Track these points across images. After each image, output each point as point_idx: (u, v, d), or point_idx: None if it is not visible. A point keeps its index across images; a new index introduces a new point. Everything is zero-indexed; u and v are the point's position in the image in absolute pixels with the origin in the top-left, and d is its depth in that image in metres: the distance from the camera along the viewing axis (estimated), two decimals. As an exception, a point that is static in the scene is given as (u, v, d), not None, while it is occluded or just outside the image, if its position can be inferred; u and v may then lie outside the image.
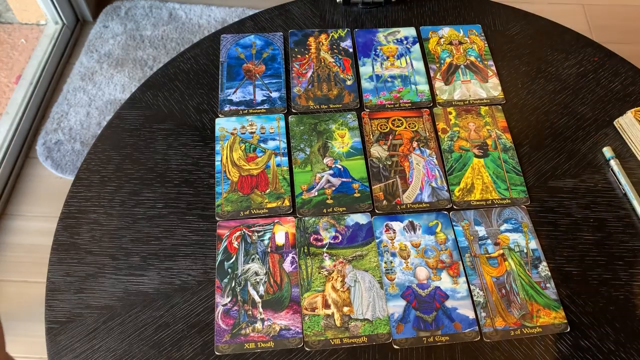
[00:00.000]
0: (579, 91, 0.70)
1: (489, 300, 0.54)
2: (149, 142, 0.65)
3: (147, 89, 0.69)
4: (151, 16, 1.70)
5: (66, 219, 0.59)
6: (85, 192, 0.61)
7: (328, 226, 0.59)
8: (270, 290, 0.55)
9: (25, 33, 1.67)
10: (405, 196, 0.61)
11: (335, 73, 0.71)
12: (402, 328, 0.53)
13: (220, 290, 0.55)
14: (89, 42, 1.63)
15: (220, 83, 0.70)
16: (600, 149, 0.65)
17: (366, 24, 0.76)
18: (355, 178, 0.62)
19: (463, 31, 0.76)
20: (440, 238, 0.58)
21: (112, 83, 1.54)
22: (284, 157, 0.63)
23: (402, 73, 0.71)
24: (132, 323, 0.53)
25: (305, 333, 0.52)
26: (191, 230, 0.58)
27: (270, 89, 0.69)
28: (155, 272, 0.56)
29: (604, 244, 0.58)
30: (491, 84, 0.70)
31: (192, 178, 0.62)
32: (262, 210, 0.60)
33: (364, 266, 0.56)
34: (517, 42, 0.75)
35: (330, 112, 0.68)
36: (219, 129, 0.66)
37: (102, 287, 0.55)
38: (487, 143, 0.65)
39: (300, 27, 0.76)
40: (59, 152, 1.41)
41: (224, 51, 0.73)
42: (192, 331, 0.53)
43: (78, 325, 0.53)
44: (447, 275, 0.56)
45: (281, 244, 0.57)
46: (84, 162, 0.63)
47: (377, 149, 0.64)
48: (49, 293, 0.55)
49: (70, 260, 0.57)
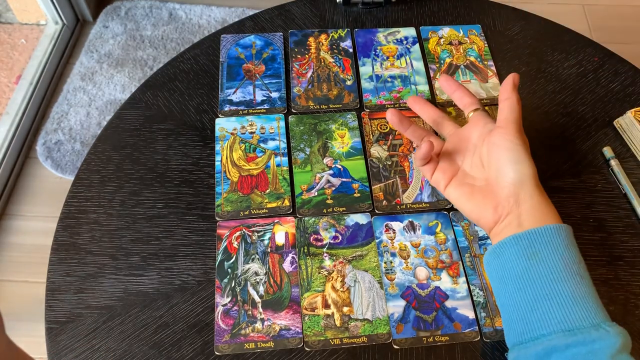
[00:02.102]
0: (579, 91, 0.70)
1: (489, 300, 0.54)
2: (149, 142, 0.65)
3: (147, 89, 0.69)
4: (151, 16, 1.70)
5: (66, 219, 0.59)
6: (85, 192, 0.61)
7: (328, 226, 0.59)
8: (270, 290, 0.55)
9: (25, 33, 1.67)
10: (405, 196, 0.61)
11: (335, 73, 0.71)
12: (402, 328, 0.53)
13: (220, 290, 0.55)
14: (89, 42, 1.63)
15: (220, 83, 0.70)
16: (600, 149, 0.65)
17: (366, 24, 0.76)
18: (355, 178, 0.62)
19: (463, 31, 0.76)
20: (440, 238, 0.58)
21: (112, 83, 1.54)
22: (284, 157, 0.64)
23: (402, 73, 0.71)
24: (132, 323, 0.53)
25: (305, 333, 0.52)
26: (191, 230, 0.58)
27: (270, 89, 0.69)
28: (155, 272, 0.56)
29: (604, 244, 0.58)
30: (491, 84, 0.70)
31: (192, 178, 0.62)
32: (262, 211, 0.60)
33: (363, 266, 0.56)
34: (517, 42, 0.75)
35: (330, 112, 0.68)
36: (219, 129, 0.66)
37: (102, 287, 0.55)
38: (487, 143, 0.65)
39: (300, 27, 0.76)
40: (59, 152, 1.41)
41: (224, 51, 0.73)
42: (192, 331, 0.53)
43: (78, 325, 0.53)
44: (447, 276, 0.56)
45: (281, 244, 0.57)
46: (84, 162, 0.64)
47: (377, 149, 0.64)
48: (49, 293, 0.55)
49: (70, 260, 0.57)
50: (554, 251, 0.45)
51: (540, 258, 0.45)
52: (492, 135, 0.51)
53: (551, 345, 0.41)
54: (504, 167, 0.49)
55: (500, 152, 0.49)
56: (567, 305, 0.42)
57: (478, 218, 0.51)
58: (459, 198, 0.53)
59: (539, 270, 0.44)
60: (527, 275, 0.45)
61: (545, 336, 0.42)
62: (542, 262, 0.44)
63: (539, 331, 0.43)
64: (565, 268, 0.44)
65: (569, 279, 0.43)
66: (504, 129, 0.50)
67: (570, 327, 0.41)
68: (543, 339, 0.42)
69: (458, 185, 0.53)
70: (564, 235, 0.45)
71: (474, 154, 0.53)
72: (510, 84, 0.51)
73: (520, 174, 0.48)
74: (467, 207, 0.52)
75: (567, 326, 0.41)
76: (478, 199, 0.51)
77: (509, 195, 0.48)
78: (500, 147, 0.49)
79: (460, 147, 0.55)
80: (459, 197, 0.53)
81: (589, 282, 0.44)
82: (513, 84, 0.51)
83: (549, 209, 0.48)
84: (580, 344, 0.40)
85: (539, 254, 0.45)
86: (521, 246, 0.46)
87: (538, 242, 0.45)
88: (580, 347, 0.40)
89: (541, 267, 0.44)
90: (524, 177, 0.48)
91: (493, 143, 0.50)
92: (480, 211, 0.50)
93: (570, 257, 0.44)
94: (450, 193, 0.54)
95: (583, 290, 0.43)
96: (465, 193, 0.52)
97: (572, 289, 0.43)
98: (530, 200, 0.47)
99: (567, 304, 0.42)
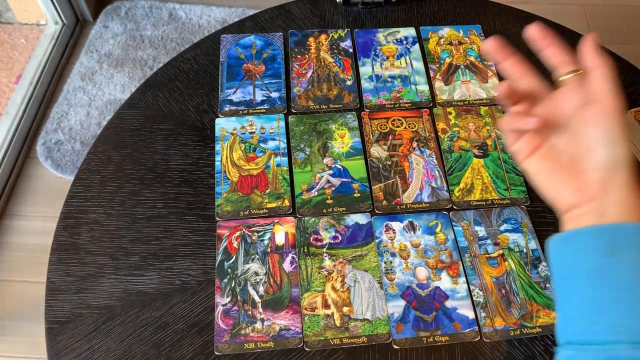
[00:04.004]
0: (579, 91, 0.70)
1: (489, 300, 0.54)
2: (149, 142, 0.65)
3: (147, 89, 0.69)
4: (151, 16, 1.70)
5: (66, 219, 0.59)
6: (85, 192, 0.61)
7: (328, 226, 0.59)
8: (270, 290, 0.55)
9: (25, 33, 1.67)
10: (405, 196, 0.61)
11: (335, 73, 0.71)
12: (401, 328, 0.53)
13: (220, 290, 0.55)
14: (89, 42, 1.63)
15: (220, 83, 0.70)
16: (600, 149, 0.65)
17: (366, 24, 0.76)
18: (355, 178, 0.62)
19: (463, 31, 0.76)
20: (440, 238, 0.58)
21: (112, 83, 1.54)
22: (283, 157, 0.64)
23: (402, 73, 0.71)
24: (132, 323, 0.53)
25: (305, 333, 0.52)
26: (191, 230, 0.58)
27: (270, 89, 0.69)
28: (155, 272, 0.56)
29: (604, 244, 0.58)
30: (491, 84, 0.70)
31: (192, 178, 0.62)
32: (262, 210, 0.60)
33: (363, 266, 0.56)
34: (517, 42, 0.75)
35: (330, 112, 0.68)
36: (219, 129, 0.66)
37: (102, 287, 0.55)
38: (487, 143, 0.65)
39: (300, 27, 0.76)
40: (59, 152, 1.41)
41: (224, 51, 0.73)
42: (192, 331, 0.53)
43: (78, 325, 0.53)
44: (447, 276, 0.56)
45: (281, 244, 0.57)
46: (84, 162, 0.63)
47: (377, 149, 0.64)
48: (49, 293, 0.55)
49: (70, 260, 0.57)
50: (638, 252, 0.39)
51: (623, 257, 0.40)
52: (588, 109, 0.43)
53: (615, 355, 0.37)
54: (597, 147, 0.42)
55: (595, 130, 0.42)
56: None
57: (555, 197, 0.45)
58: (540, 173, 0.46)
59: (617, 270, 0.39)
60: (602, 273, 0.40)
61: (611, 344, 0.38)
62: (622, 261, 0.39)
63: (603, 336, 0.38)
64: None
65: None
66: (602, 104, 0.42)
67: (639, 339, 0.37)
68: (607, 346, 0.38)
69: (540, 158, 0.46)
70: None
71: (566, 126, 0.45)
72: (592, 46, 0.43)
73: (614, 157, 0.41)
74: (546, 184, 0.45)
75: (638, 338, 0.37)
76: (560, 177, 0.45)
77: (598, 180, 0.42)
78: (596, 124, 0.42)
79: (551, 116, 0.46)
80: (539, 172, 0.46)
81: None
82: (596, 46, 0.43)
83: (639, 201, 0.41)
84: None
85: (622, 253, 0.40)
86: (603, 240, 0.40)
87: (622, 239, 0.40)
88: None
89: (620, 268, 0.39)
90: (618, 162, 0.41)
91: (588, 118, 0.43)
92: (559, 191, 0.44)
93: None
94: (530, 166, 0.47)
95: None
96: (547, 168, 0.46)
97: None
98: (620, 191, 0.41)
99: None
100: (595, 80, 0.43)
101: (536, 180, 0.46)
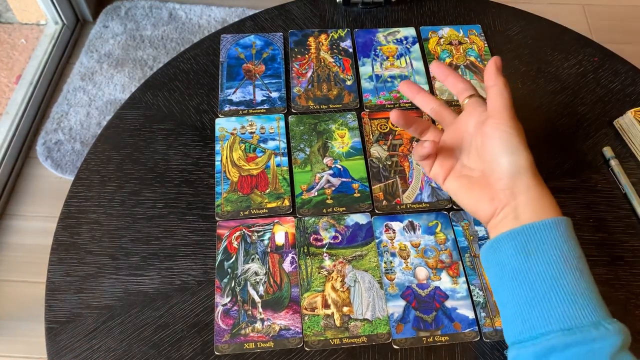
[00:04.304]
0: (579, 91, 0.70)
1: (489, 300, 0.54)
2: (149, 142, 0.65)
3: (147, 89, 0.69)
4: (151, 16, 1.70)
5: (66, 219, 0.59)
6: (85, 192, 0.61)
7: (328, 226, 0.59)
8: (270, 290, 0.55)
9: (25, 33, 1.67)
10: (405, 196, 0.61)
11: (335, 73, 0.71)
12: (401, 328, 0.53)
13: (220, 290, 0.55)
14: (89, 42, 1.63)
15: (220, 83, 0.70)
16: (600, 149, 0.65)
17: (366, 24, 0.76)
18: (355, 178, 0.62)
19: (463, 31, 0.76)
20: (440, 238, 0.58)
21: (112, 83, 1.54)
22: (283, 157, 0.64)
23: (402, 73, 0.71)
24: (132, 323, 0.53)
25: (305, 333, 0.52)
26: (191, 230, 0.58)
27: (270, 89, 0.69)
28: (155, 272, 0.56)
29: (604, 244, 0.58)
30: (491, 84, 0.70)
31: (192, 178, 0.62)
32: (262, 210, 0.60)
33: (363, 266, 0.56)
34: (517, 42, 0.75)
35: (330, 112, 0.68)
36: (219, 129, 0.66)
37: (102, 287, 0.55)
38: (487, 143, 0.65)
39: (300, 27, 0.76)
40: (59, 152, 1.41)
41: (223, 51, 0.73)
42: (192, 331, 0.53)
43: (78, 325, 0.53)
44: (447, 275, 0.56)
45: (281, 244, 0.57)
46: (84, 162, 0.64)
47: (377, 149, 0.64)
48: (49, 293, 0.55)
49: (70, 260, 0.57)
50: (552, 247, 0.43)
51: (538, 254, 0.43)
52: (485, 125, 0.48)
53: (550, 344, 0.40)
54: (498, 158, 0.46)
55: (493, 142, 0.47)
56: (566, 303, 0.41)
57: (475, 211, 0.49)
58: (457, 191, 0.51)
59: (537, 266, 0.43)
60: (525, 272, 0.43)
61: (544, 335, 0.41)
62: (540, 258, 0.43)
63: (537, 330, 0.42)
64: (565, 264, 0.42)
65: (568, 275, 0.42)
66: (495, 118, 0.47)
67: (569, 325, 0.40)
68: (542, 338, 0.41)
69: (456, 177, 0.51)
70: (563, 229, 0.44)
71: (471, 144, 0.50)
72: (493, 68, 0.48)
73: (515, 165, 0.46)
74: (465, 200, 0.50)
75: (566, 325, 0.40)
76: (475, 191, 0.49)
77: (505, 187, 0.46)
78: (493, 137, 0.47)
79: (457, 138, 0.52)
80: (457, 190, 0.51)
81: (589, 277, 0.43)
82: (496, 68, 0.48)
83: (547, 200, 0.46)
84: (580, 343, 0.39)
85: (536, 250, 0.43)
86: (518, 242, 0.44)
87: (536, 237, 0.44)
88: (580, 347, 0.39)
89: (539, 264, 0.43)
90: (519, 168, 0.46)
91: (485, 133, 0.48)
92: (477, 203, 0.48)
93: (570, 252, 0.43)
94: (449, 186, 0.52)
95: (583, 286, 0.42)
96: (463, 185, 0.50)
97: (572, 286, 0.42)
98: (527, 192, 0.45)
99: (566, 302, 0.41)
100: (491, 97, 0.48)
101: (457, 198, 0.51)
